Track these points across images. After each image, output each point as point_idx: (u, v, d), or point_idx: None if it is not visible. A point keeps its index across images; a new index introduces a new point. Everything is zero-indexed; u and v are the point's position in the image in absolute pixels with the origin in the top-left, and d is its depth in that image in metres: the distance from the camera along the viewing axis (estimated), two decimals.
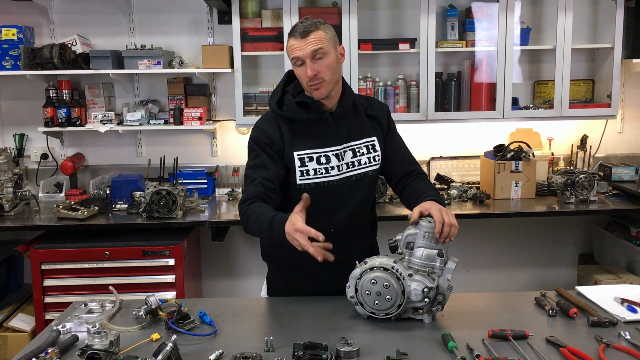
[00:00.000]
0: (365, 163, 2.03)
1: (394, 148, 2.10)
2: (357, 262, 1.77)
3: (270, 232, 1.76)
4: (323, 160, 1.96)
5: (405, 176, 2.07)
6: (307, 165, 1.95)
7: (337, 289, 1.91)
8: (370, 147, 2.04)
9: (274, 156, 1.94)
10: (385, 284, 1.70)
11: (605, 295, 1.92)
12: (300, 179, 1.95)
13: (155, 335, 1.65)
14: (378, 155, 2.05)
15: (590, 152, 3.88)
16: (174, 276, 3.21)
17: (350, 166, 2.00)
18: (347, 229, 2.00)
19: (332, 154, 1.97)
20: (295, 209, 1.74)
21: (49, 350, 1.49)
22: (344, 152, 1.99)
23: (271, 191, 1.90)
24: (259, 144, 1.96)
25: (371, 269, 1.73)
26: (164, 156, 3.67)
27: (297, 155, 1.95)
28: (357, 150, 2.02)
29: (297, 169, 1.95)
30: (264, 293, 2.19)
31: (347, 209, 2.00)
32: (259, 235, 1.91)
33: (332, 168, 1.97)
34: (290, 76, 2.05)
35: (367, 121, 2.06)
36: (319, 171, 1.96)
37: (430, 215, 1.77)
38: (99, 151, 3.99)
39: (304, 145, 1.96)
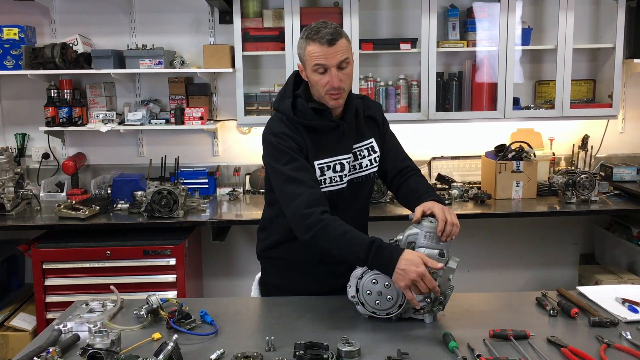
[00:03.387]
0: (367, 166, 2.02)
1: (387, 145, 2.09)
2: None
3: (369, 253, 1.67)
4: (338, 167, 1.94)
5: (399, 172, 2.07)
6: (325, 175, 1.92)
7: (333, 289, 1.91)
8: (370, 149, 2.03)
9: (306, 161, 1.90)
10: (387, 283, 1.70)
11: (607, 295, 1.92)
12: None
13: (157, 335, 1.65)
14: (378, 157, 2.05)
15: (591, 152, 3.88)
16: (175, 276, 3.21)
17: (352, 169, 1.99)
18: None
19: (345, 161, 1.95)
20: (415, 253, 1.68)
21: (50, 350, 1.49)
22: (349, 157, 1.98)
23: (325, 196, 1.86)
24: (291, 148, 1.87)
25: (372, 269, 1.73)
26: (165, 156, 3.67)
27: (318, 164, 1.92)
28: (358, 153, 2.00)
29: (317, 178, 1.91)
30: (254, 294, 2.17)
31: (348, 212, 1.99)
32: (333, 251, 1.75)
33: (345, 175, 1.95)
34: (297, 77, 1.99)
35: (366, 122, 2.04)
36: (334, 179, 1.94)
37: (432, 215, 1.77)
38: (100, 151, 4.00)
39: (322, 154, 1.92)
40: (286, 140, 1.88)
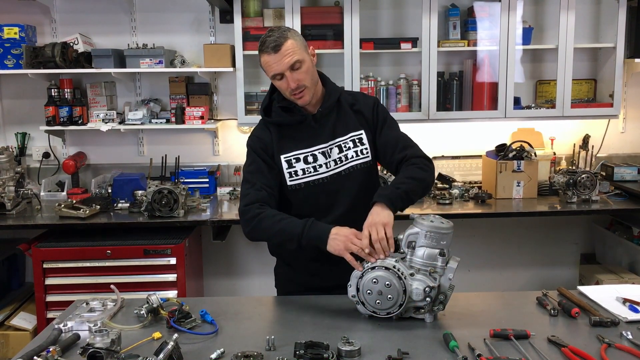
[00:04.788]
0: (353, 157, 2.03)
1: (383, 138, 2.08)
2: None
3: (304, 227, 1.81)
4: (310, 159, 2.00)
5: (399, 163, 2.06)
6: (294, 167, 2.00)
7: (339, 284, 1.92)
8: (357, 140, 2.05)
9: (269, 161, 2.01)
10: (387, 283, 1.70)
11: (607, 295, 1.92)
12: (290, 180, 2.00)
13: (157, 334, 1.65)
14: (366, 149, 2.05)
15: (592, 151, 3.87)
16: (175, 275, 3.21)
17: (338, 162, 2.02)
18: (345, 224, 1.99)
19: (319, 152, 2.00)
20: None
21: (51, 349, 1.48)
22: (330, 149, 2.01)
23: (272, 197, 1.97)
24: (255, 149, 2.03)
25: (372, 268, 1.73)
26: (166, 155, 3.67)
27: (284, 157, 2.00)
28: (343, 145, 2.03)
29: (285, 171, 2.00)
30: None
31: (342, 205, 2.01)
32: (271, 238, 1.94)
33: (320, 166, 2.00)
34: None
35: (354, 116, 2.07)
36: (307, 170, 2.00)
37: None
38: (101, 150, 4.00)
39: (289, 147, 2.01)
40: (254, 142, 2.05)
